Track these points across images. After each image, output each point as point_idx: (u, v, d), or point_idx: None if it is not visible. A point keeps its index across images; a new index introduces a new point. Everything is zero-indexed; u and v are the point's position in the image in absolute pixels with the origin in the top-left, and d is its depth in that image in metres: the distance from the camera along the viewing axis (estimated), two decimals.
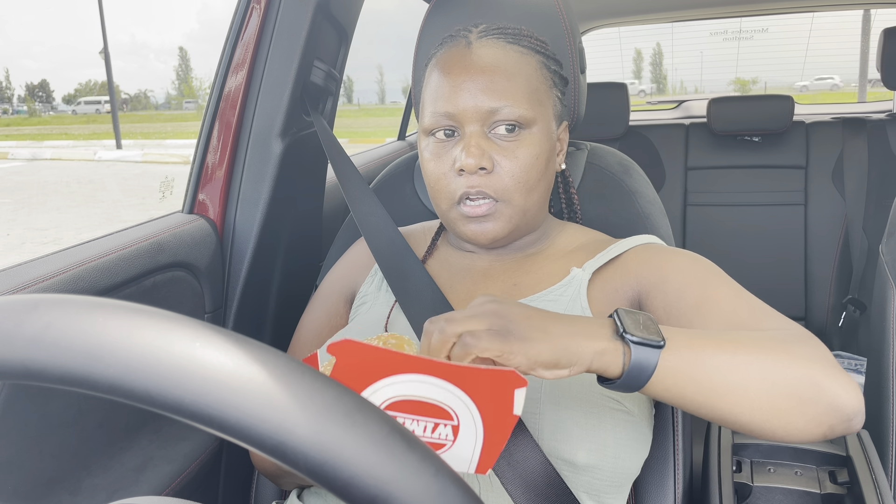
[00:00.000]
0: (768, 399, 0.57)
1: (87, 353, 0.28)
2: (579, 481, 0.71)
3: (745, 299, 0.69)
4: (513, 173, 0.77)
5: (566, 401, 0.70)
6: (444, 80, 0.78)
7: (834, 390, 0.58)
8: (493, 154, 0.77)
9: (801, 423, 0.58)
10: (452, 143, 0.79)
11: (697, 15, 2.73)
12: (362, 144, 7.90)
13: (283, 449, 0.27)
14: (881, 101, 3.03)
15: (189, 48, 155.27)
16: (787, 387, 0.57)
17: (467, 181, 0.77)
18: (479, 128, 0.77)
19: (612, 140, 2.40)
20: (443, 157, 0.79)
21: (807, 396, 0.57)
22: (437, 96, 0.79)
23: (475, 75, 0.77)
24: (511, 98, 0.76)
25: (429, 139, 0.81)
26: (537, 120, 0.79)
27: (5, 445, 0.76)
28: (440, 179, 0.79)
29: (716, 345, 0.58)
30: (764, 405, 0.57)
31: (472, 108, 0.76)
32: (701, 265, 0.75)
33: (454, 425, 0.52)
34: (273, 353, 0.30)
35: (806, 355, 0.59)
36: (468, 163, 0.75)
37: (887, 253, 0.99)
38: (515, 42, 0.80)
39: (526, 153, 0.77)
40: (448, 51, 0.81)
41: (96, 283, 0.86)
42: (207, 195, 1.16)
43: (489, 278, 0.85)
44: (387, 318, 0.84)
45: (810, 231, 2.25)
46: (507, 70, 0.77)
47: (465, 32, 0.82)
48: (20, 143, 20.36)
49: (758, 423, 0.58)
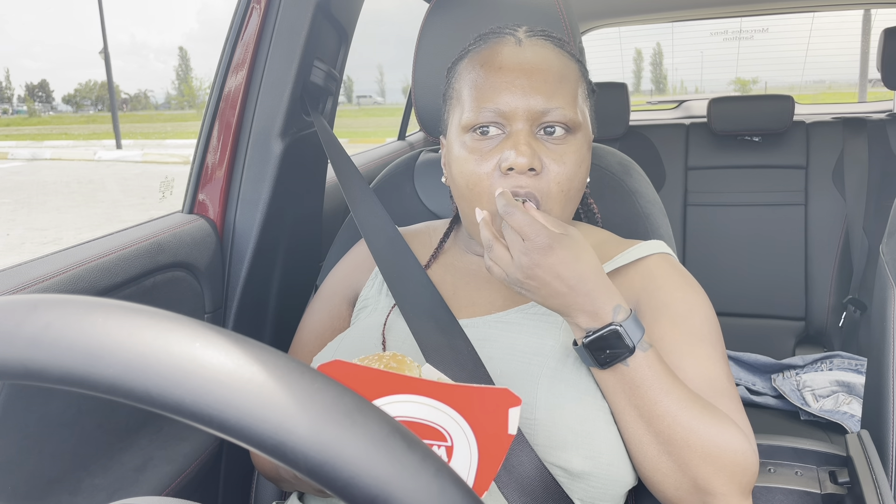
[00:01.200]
0: (657, 455, 0.67)
1: (87, 353, 0.28)
2: (574, 488, 0.70)
3: (713, 379, 0.72)
4: (559, 179, 0.74)
5: (562, 408, 0.70)
6: (493, 76, 0.75)
7: (716, 488, 0.65)
8: (542, 156, 0.74)
9: (670, 493, 0.68)
10: (495, 142, 0.75)
11: (697, 15, 2.73)
12: (362, 144, 7.90)
13: (283, 449, 0.27)
14: (881, 101, 3.03)
15: (189, 48, 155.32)
16: (681, 459, 0.66)
17: (514, 181, 0.73)
18: (527, 127, 0.74)
19: (612, 140, 2.40)
20: (485, 155, 0.75)
21: (689, 476, 0.66)
22: (483, 92, 0.75)
23: (528, 73, 0.74)
24: (562, 100, 0.74)
25: (466, 136, 0.77)
26: (583, 126, 0.77)
27: (5, 445, 0.76)
28: (482, 180, 0.75)
29: (675, 385, 0.67)
30: (652, 456, 0.67)
31: (524, 107, 0.73)
32: (694, 320, 0.76)
33: (448, 446, 0.51)
34: (273, 353, 0.30)
35: (722, 447, 0.66)
36: (520, 162, 0.71)
37: (887, 253, 0.99)
38: (560, 46, 0.79)
39: (573, 159, 0.75)
40: (494, 47, 0.78)
41: (96, 283, 0.86)
42: (207, 195, 1.16)
43: (493, 283, 0.84)
44: (384, 324, 0.84)
45: (810, 231, 2.25)
46: (557, 72, 0.76)
47: (512, 30, 0.80)
48: (20, 143, 20.37)
49: (638, 463, 0.69)
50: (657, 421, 0.66)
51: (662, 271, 0.79)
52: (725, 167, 2.36)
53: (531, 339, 0.75)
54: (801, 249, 2.26)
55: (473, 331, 0.78)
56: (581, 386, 0.71)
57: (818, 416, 1.72)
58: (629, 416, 0.68)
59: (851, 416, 1.68)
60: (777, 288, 2.27)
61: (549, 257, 0.65)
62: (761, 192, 2.30)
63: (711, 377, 0.72)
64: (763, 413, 1.83)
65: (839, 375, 1.84)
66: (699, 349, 0.73)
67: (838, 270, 2.21)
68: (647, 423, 0.67)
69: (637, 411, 0.67)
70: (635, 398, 0.67)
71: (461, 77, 0.80)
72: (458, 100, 0.80)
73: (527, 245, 0.65)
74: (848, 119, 2.30)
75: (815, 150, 2.27)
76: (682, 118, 2.88)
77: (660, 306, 0.76)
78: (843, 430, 1.65)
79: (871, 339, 1.01)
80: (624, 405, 0.68)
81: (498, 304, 0.82)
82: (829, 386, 1.82)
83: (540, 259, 0.65)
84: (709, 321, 0.76)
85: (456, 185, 0.79)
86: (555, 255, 0.65)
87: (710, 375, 0.72)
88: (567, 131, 0.75)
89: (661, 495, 0.69)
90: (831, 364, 1.92)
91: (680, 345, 0.73)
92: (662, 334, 0.74)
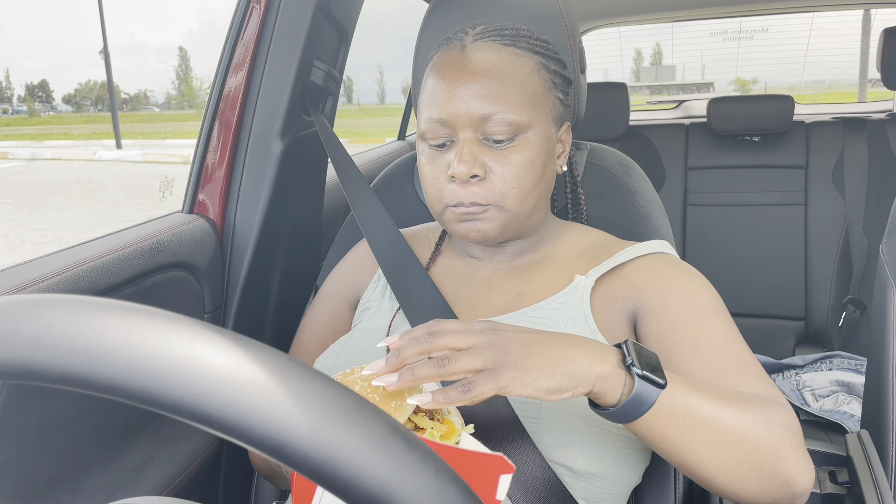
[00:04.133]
0: (735, 466, 0.61)
1: (87, 353, 0.28)
2: (578, 488, 0.70)
3: (735, 350, 0.71)
4: (506, 179, 0.75)
5: (567, 407, 0.70)
6: (438, 84, 0.77)
7: (793, 471, 0.61)
8: (486, 160, 0.75)
9: (755, 493, 0.62)
10: (446, 149, 0.78)
11: (697, 15, 2.73)
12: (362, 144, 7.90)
13: (283, 449, 0.27)
14: (881, 101, 3.03)
15: (189, 48, 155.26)
16: (755, 460, 0.61)
17: (462, 190, 0.76)
18: (472, 134, 0.76)
19: (612, 140, 2.40)
20: (437, 161, 0.78)
21: (768, 471, 0.61)
22: (431, 102, 0.78)
23: (468, 80, 0.75)
24: (504, 103, 0.75)
25: (423, 144, 0.80)
26: (533, 124, 0.77)
27: (5, 445, 0.76)
28: (434, 184, 0.79)
29: (707, 402, 0.60)
30: (729, 470, 0.61)
31: (465, 114, 0.75)
32: (703, 299, 0.75)
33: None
34: (273, 353, 0.30)
35: (779, 431, 0.62)
36: (459, 170, 0.74)
37: (887, 253, 0.99)
38: (512, 44, 0.79)
39: (520, 158, 0.76)
40: (443, 54, 0.80)
41: (96, 283, 0.86)
42: (207, 195, 1.16)
43: (492, 288, 0.84)
44: (388, 327, 0.83)
45: (810, 231, 2.25)
46: (500, 74, 0.76)
47: (461, 35, 0.80)
48: (20, 143, 20.37)
49: (718, 483, 0.62)
50: (717, 429, 0.60)
51: (663, 264, 0.79)
52: (725, 167, 2.36)
53: None
54: (800, 249, 2.26)
55: None
56: None
57: (818, 416, 1.72)
58: (696, 441, 0.60)
59: (851, 416, 1.68)
60: (777, 288, 2.27)
61: (492, 334, 0.57)
62: (761, 192, 2.30)
63: (732, 347, 0.71)
64: None
65: (839, 375, 1.84)
66: (714, 321, 0.73)
67: (838, 270, 2.21)
68: (715, 437, 0.60)
69: (701, 431, 0.60)
70: (690, 419, 0.59)
71: (423, 84, 0.82)
72: (419, 107, 0.82)
73: (467, 338, 0.56)
74: (848, 119, 2.30)
75: (815, 150, 2.27)
76: (681, 118, 2.88)
77: (665, 293, 0.76)
78: (842, 430, 1.65)
79: (871, 339, 1.01)
80: (685, 433, 0.60)
81: (498, 307, 0.82)
82: (828, 386, 1.82)
83: (489, 339, 0.56)
84: (717, 300, 0.76)
85: (423, 188, 0.82)
86: (493, 333, 0.57)
87: (730, 345, 0.71)
88: (513, 135, 0.76)
89: (748, 499, 0.64)
90: (831, 364, 1.92)
91: (694, 320, 0.73)
92: (674, 318, 0.73)
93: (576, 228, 0.90)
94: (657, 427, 0.59)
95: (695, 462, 0.61)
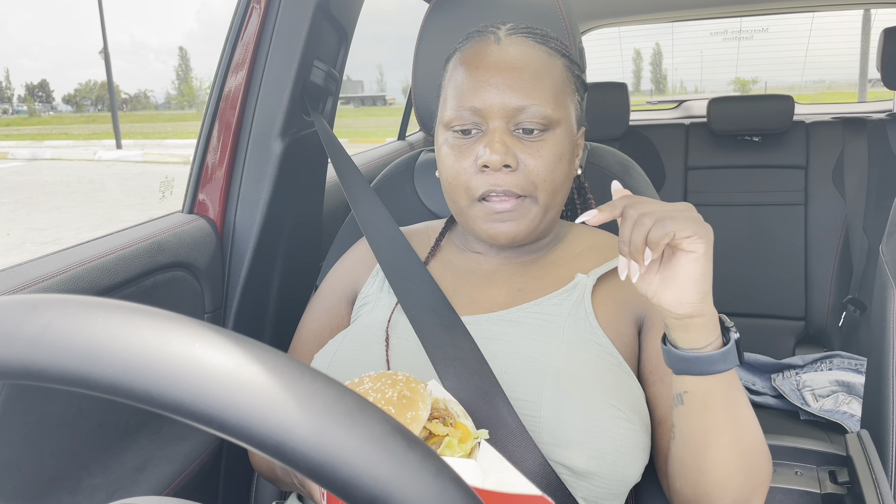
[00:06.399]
0: (734, 472, 0.65)
1: (87, 353, 0.28)
2: (578, 487, 0.70)
3: None
4: (538, 172, 0.76)
5: (566, 406, 0.70)
6: (471, 74, 0.77)
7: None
8: (518, 152, 0.75)
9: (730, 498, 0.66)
10: (474, 139, 0.77)
11: (697, 15, 2.73)
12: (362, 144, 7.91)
13: (283, 449, 0.27)
14: (881, 100, 3.03)
15: (189, 48, 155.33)
16: (747, 479, 0.66)
17: (490, 179, 0.75)
18: (503, 124, 0.76)
19: (612, 140, 2.40)
20: (464, 151, 0.77)
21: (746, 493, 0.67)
22: (462, 91, 0.77)
23: (504, 72, 0.76)
24: (538, 97, 0.76)
25: (448, 133, 0.79)
26: (562, 121, 0.78)
27: (5, 445, 0.76)
28: (459, 175, 0.77)
29: (749, 407, 0.66)
30: (729, 472, 0.65)
31: (499, 105, 0.75)
32: None
33: None
34: (273, 352, 0.30)
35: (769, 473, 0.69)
36: (493, 159, 0.74)
37: (887, 253, 0.99)
38: (544, 42, 0.80)
39: (551, 153, 0.76)
40: (475, 46, 0.80)
41: (96, 283, 0.86)
42: (207, 195, 1.16)
43: (493, 282, 0.85)
44: (388, 321, 0.84)
45: (810, 231, 2.25)
46: (535, 69, 0.77)
47: (494, 29, 0.81)
48: (20, 143, 20.37)
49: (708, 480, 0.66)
50: (744, 429, 0.65)
51: None
52: (725, 167, 2.36)
53: (536, 337, 0.75)
54: (800, 249, 2.26)
55: (476, 328, 0.78)
56: (587, 385, 0.71)
57: (818, 415, 1.72)
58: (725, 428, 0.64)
59: (851, 415, 1.68)
60: (777, 288, 2.27)
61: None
62: (761, 192, 2.30)
63: None
64: (763, 413, 1.83)
65: (839, 375, 1.84)
66: None
67: (838, 270, 2.21)
68: (741, 434, 0.65)
69: (734, 423, 0.64)
70: (735, 404, 0.64)
71: (447, 75, 0.82)
72: (444, 97, 0.82)
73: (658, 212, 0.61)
74: (848, 119, 2.30)
75: (815, 150, 2.27)
76: (681, 118, 2.88)
77: None
78: (842, 430, 1.65)
79: (871, 339, 1.01)
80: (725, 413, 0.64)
81: (499, 303, 0.82)
82: (828, 386, 1.82)
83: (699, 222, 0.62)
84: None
85: (442, 179, 0.82)
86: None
87: None
88: (544, 129, 0.77)
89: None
90: (831, 364, 1.92)
91: None
92: None
93: (579, 228, 0.91)
94: (713, 391, 0.63)
95: (711, 448, 0.64)
